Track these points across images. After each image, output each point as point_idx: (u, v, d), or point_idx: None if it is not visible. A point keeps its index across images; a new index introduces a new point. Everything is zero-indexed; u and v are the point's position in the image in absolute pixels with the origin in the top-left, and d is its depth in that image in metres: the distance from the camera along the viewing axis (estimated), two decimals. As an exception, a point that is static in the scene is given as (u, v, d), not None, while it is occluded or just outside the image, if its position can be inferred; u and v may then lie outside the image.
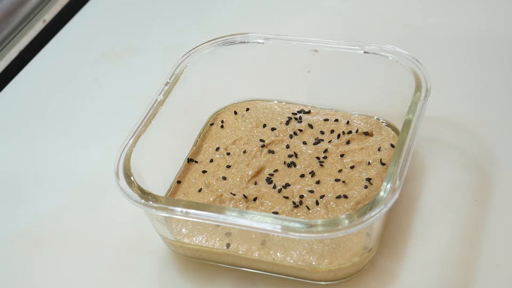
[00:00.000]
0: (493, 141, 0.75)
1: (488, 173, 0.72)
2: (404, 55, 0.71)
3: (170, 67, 0.75)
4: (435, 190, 0.72)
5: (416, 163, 0.74)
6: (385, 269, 0.66)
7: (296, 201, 0.68)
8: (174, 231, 0.67)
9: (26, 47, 1.03)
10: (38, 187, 0.80)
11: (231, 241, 0.65)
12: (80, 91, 0.92)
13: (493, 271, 0.64)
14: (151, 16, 1.04)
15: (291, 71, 0.79)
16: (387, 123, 0.75)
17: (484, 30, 0.90)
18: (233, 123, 0.77)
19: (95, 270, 0.70)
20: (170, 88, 0.73)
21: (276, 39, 0.76)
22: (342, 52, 0.74)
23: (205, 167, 0.73)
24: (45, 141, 0.85)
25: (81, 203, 0.76)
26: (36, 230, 0.74)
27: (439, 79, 0.76)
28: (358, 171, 0.70)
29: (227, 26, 0.96)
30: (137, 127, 0.68)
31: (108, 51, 0.97)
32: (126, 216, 0.72)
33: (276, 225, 0.59)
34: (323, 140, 0.74)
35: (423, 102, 0.67)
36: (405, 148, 0.62)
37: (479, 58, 0.86)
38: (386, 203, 0.59)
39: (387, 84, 0.73)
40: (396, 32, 0.91)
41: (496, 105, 0.80)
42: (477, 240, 0.67)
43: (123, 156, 0.66)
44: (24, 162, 0.83)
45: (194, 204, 0.62)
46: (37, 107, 0.91)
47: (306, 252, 0.64)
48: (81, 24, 1.04)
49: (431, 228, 0.68)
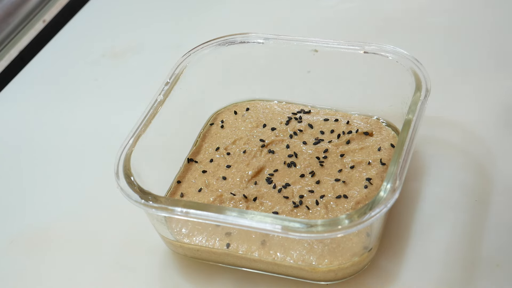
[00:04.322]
0: (493, 141, 0.75)
1: (488, 173, 0.72)
2: (404, 55, 0.71)
3: (170, 67, 0.75)
4: (435, 190, 0.72)
5: (416, 163, 0.74)
6: (385, 269, 0.66)
7: (296, 201, 0.68)
8: (174, 231, 0.67)
9: (26, 47, 1.03)
10: (38, 187, 0.80)
11: (231, 241, 0.65)
12: (80, 91, 0.92)
13: (493, 271, 0.64)
14: (151, 16, 1.04)
15: (291, 71, 0.79)
16: (387, 123, 0.75)
17: (484, 30, 0.90)
18: (233, 123, 0.77)
19: (95, 270, 0.70)
20: (170, 88, 0.73)
21: (276, 39, 0.76)
22: (342, 52, 0.74)
23: (205, 167, 0.73)
24: (45, 141, 0.85)
25: (81, 203, 0.76)
26: (36, 230, 0.74)
27: (439, 79, 0.76)
28: (358, 171, 0.70)
29: (227, 26, 0.96)
30: (137, 127, 0.68)
31: (108, 51, 0.97)
32: (126, 216, 0.72)
33: (276, 225, 0.59)
34: (323, 140, 0.74)
35: (423, 102, 0.67)
36: (405, 148, 0.62)
37: (479, 58, 0.86)
38: (386, 203, 0.59)
39: (387, 84, 0.73)
40: (396, 32, 0.91)
41: (496, 105, 0.79)
42: (477, 240, 0.67)
43: (123, 156, 0.66)
44: (23, 162, 0.83)
45: (194, 204, 0.62)
46: (37, 107, 0.91)
47: (306, 252, 0.64)
48: (81, 24, 1.04)
49: (431, 228, 0.68)
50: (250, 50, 0.77)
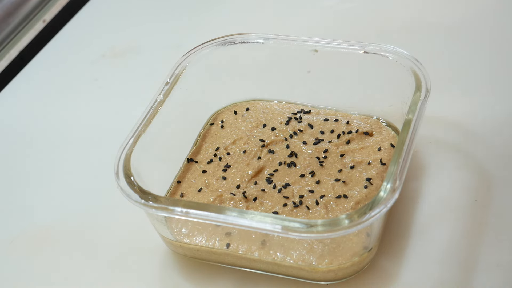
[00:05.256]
0: (493, 141, 0.75)
1: (488, 173, 0.72)
2: (404, 55, 0.71)
3: (170, 67, 0.75)
4: (435, 190, 0.72)
5: (416, 163, 0.74)
6: (385, 269, 0.66)
7: (296, 201, 0.68)
8: (174, 231, 0.67)
9: (26, 47, 1.03)
10: (38, 187, 0.80)
11: (231, 241, 0.65)
12: (80, 91, 0.92)
13: (493, 271, 0.64)
14: (151, 16, 1.04)
15: (291, 71, 0.79)
16: (387, 123, 0.75)
17: (484, 30, 0.90)
18: (233, 123, 0.77)
19: (95, 270, 0.70)
20: (170, 88, 0.73)
21: (276, 39, 0.76)
22: (342, 52, 0.74)
23: (205, 167, 0.73)
24: (45, 141, 0.85)
25: (81, 203, 0.76)
26: (36, 230, 0.74)
27: (439, 79, 0.76)
28: (358, 171, 0.70)
29: (227, 26, 0.96)
30: (137, 127, 0.68)
31: (108, 51, 0.97)
32: (126, 216, 0.72)
33: (276, 225, 0.59)
34: (323, 140, 0.74)
35: (423, 102, 0.67)
36: (405, 148, 0.62)
37: (479, 58, 0.86)
38: (386, 203, 0.59)
39: (387, 84, 0.73)
40: (396, 32, 0.91)
41: (496, 105, 0.79)
42: (477, 240, 0.67)
43: (123, 156, 0.66)
44: (23, 163, 0.83)
45: (194, 204, 0.62)
46: (37, 107, 0.91)
47: (306, 252, 0.64)
48: (81, 24, 1.04)
49: (431, 228, 0.68)
50: (250, 50, 0.77)
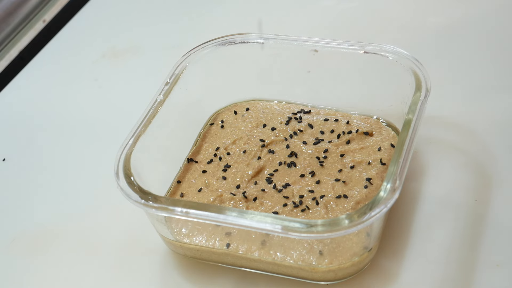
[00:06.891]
0: (493, 141, 0.75)
1: (488, 173, 0.72)
2: (404, 55, 0.71)
3: (170, 67, 0.75)
4: (435, 190, 0.72)
5: (416, 163, 0.74)
6: (385, 269, 0.66)
7: (296, 201, 0.68)
8: (174, 231, 0.67)
9: (26, 47, 1.03)
10: (38, 187, 0.80)
11: (231, 241, 0.65)
12: (80, 91, 0.92)
13: (493, 271, 0.64)
14: (151, 16, 1.04)
15: (291, 71, 0.79)
16: (387, 123, 0.75)
17: (484, 30, 0.90)
18: (233, 123, 0.77)
19: (95, 270, 0.70)
20: (170, 88, 0.73)
21: (276, 39, 0.76)
22: (342, 52, 0.74)
23: (205, 167, 0.73)
24: (45, 141, 0.85)
25: (81, 203, 0.76)
26: (36, 230, 0.74)
27: (439, 79, 0.76)
28: (358, 171, 0.70)
29: (227, 26, 0.96)
30: (137, 127, 0.68)
31: (108, 51, 0.97)
32: (126, 216, 0.72)
33: (276, 225, 0.59)
34: (323, 140, 0.74)
35: (423, 102, 0.67)
36: (405, 148, 0.62)
37: (479, 58, 0.86)
38: (386, 203, 0.59)
39: (387, 84, 0.73)
40: (396, 32, 0.91)
41: (496, 105, 0.79)
42: (477, 240, 0.67)
43: (123, 156, 0.66)
44: (23, 163, 0.83)
45: (194, 204, 0.62)
46: (37, 107, 0.91)
47: (306, 252, 0.64)
48: (81, 24, 1.04)
49: (431, 228, 0.68)
50: (250, 50, 0.77)
